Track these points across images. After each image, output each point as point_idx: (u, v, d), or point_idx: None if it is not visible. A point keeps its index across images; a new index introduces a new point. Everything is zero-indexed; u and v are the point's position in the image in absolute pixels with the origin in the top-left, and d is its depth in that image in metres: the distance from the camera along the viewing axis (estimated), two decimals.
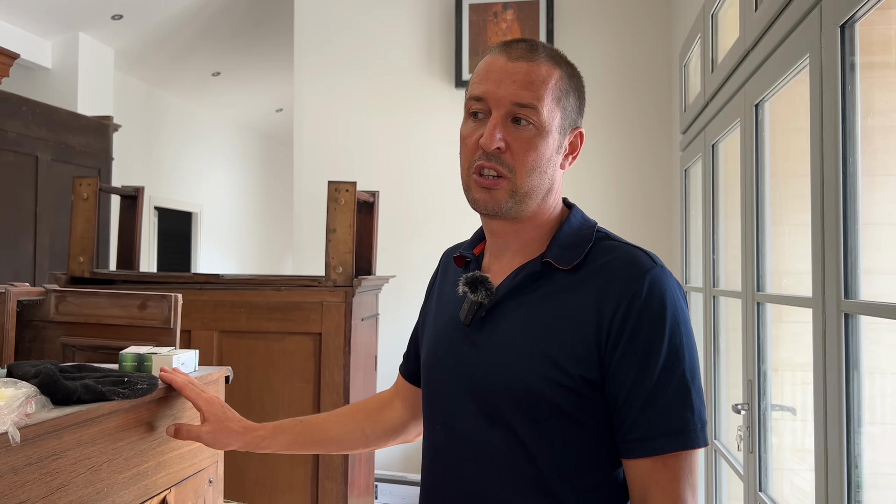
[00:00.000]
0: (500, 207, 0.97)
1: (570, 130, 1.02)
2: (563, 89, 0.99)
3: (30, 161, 3.55)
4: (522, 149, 0.96)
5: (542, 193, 1.00)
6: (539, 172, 0.97)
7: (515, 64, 0.97)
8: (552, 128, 0.97)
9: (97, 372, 1.08)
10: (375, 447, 1.23)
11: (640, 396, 0.91)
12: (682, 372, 0.91)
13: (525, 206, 0.98)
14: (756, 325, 2.03)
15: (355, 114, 4.09)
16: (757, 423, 2.02)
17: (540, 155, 0.97)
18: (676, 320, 0.93)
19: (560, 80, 0.98)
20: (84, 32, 5.00)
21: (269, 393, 2.39)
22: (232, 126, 8.06)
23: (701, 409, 0.92)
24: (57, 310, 1.48)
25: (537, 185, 0.98)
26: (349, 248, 2.37)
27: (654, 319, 0.92)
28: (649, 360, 0.91)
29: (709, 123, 2.60)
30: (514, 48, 0.99)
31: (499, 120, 0.96)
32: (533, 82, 0.96)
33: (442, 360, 1.04)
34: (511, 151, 0.96)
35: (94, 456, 0.94)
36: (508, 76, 0.96)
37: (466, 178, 1.00)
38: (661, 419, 0.90)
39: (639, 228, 3.78)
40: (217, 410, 1.12)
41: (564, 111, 0.99)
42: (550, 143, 0.97)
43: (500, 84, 0.96)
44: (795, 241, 2.03)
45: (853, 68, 1.38)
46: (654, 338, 0.91)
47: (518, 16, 3.99)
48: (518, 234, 1.03)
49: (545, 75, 0.97)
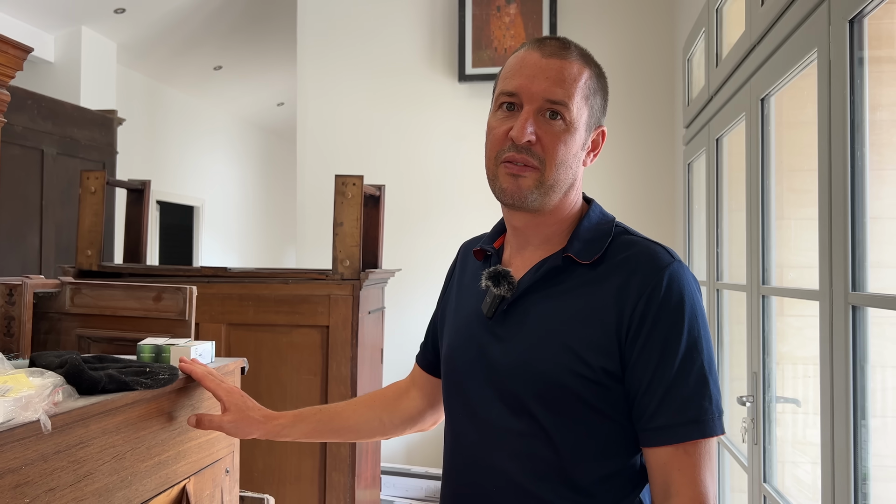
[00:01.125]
0: (526, 198, 0.99)
1: (595, 128, 1.04)
2: (591, 88, 1.01)
3: (35, 155, 3.56)
4: (553, 142, 0.98)
5: (565, 188, 1.02)
6: (566, 167, 0.99)
7: (549, 61, 0.99)
8: (580, 125, 1.00)
9: (119, 363, 1.10)
10: (392, 435, 1.25)
11: (661, 387, 0.93)
12: (700, 363, 0.94)
13: (549, 198, 1.00)
14: (761, 317, 2.04)
15: (358, 108, 4.10)
16: (762, 415, 2.04)
17: (568, 150, 0.99)
18: (695, 313, 0.95)
19: (589, 79, 1.01)
20: (86, 26, 5.00)
21: (277, 385, 2.40)
22: (234, 120, 8.07)
23: (718, 399, 0.95)
24: (73, 302, 1.49)
25: (563, 179, 1.00)
26: (356, 241, 2.39)
27: (672, 313, 0.94)
28: (669, 351, 0.93)
29: (713, 118, 2.61)
30: (547, 45, 1.01)
31: (531, 114, 0.98)
32: (565, 80, 0.98)
33: (465, 352, 1.06)
34: (542, 144, 0.98)
35: (118, 444, 0.96)
36: (542, 72, 0.98)
37: (493, 167, 1.02)
38: (681, 409, 0.93)
39: (642, 223, 3.79)
40: (237, 400, 1.14)
41: (591, 109, 1.02)
42: (577, 140, 1.00)
43: (533, 79, 0.98)
44: (800, 234, 2.04)
45: (861, 63, 1.39)
46: (673, 331, 0.94)
47: (521, 10, 3.99)
48: (539, 228, 1.05)
49: (576, 73, 0.99)
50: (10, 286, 1.41)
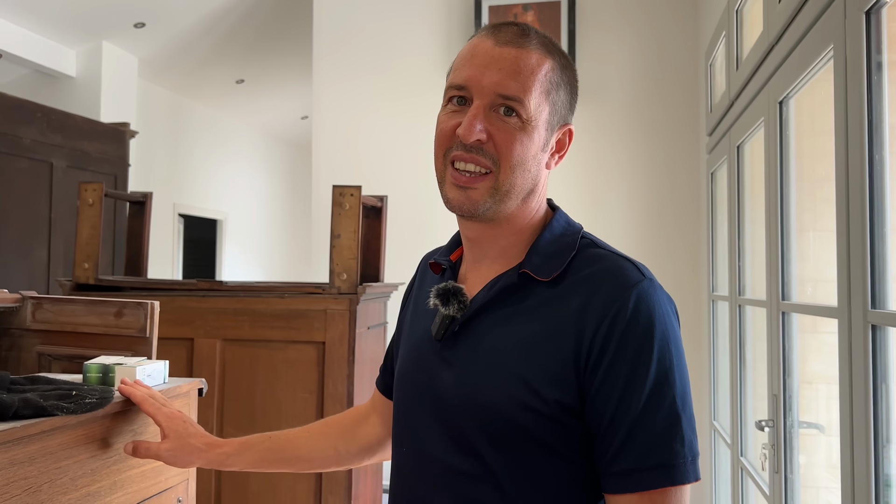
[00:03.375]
0: (477, 208, 0.88)
1: (559, 127, 0.92)
2: (553, 82, 0.89)
3: (44, 168, 3.56)
4: (506, 141, 0.86)
5: (524, 194, 0.90)
6: (523, 170, 0.88)
7: (503, 49, 0.87)
8: (539, 123, 0.88)
9: (50, 384, 1.02)
10: (349, 466, 1.14)
11: (624, 424, 0.80)
12: (672, 398, 0.81)
13: (504, 206, 0.89)
14: (781, 335, 1.91)
15: (373, 121, 4.03)
16: (783, 440, 1.90)
17: (525, 150, 0.87)
18: (666, 340, 0.82)
19: (551, 72, 0.89)
20: (107, 41, 5.03)
21: (272, 403, 2.32)
22: (257, 133, 8.09)
23: (692, 440, 0.82)
24: (34, 317, 1.42)
25: (520, 184, 0.88)
26: (354, 254, 2.30)
27: (640, 338, 0.81)
28: (635, 383, 0.81)
29: (734, 124, 2.49)
30: (502, 32, 0.89)
31: (480, 109, 0.86)
32: (521, 71, 0.86)
33: (412, 378, 0.95)
34: (494, 143, 0.86)
35: (31, 476, 0.87)
36: (494, 62, 0.86)
37: (442, 169, 0.90)
38: (648, 451, 0.80)
39: (665, 234, 3.65)
40: (178, 426, 1.04)
41: (554, 106, 0.89)
42: (536, 140, 0.88)
43: (484, 71, 0.86)
44: (822, 247, 1.91)
45: (879, 59, 1.26)
46: (640, 359, 0.81)
47: (539, 17, 3.89)
48: (496, 239, 0.93)
49: (535, 64, 0.87)
50: None
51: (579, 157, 3.75)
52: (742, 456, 2.45)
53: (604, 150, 3.74)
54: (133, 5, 4.62)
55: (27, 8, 4.31)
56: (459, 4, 3.97)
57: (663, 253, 3.65)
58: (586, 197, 3.73)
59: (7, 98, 3.42)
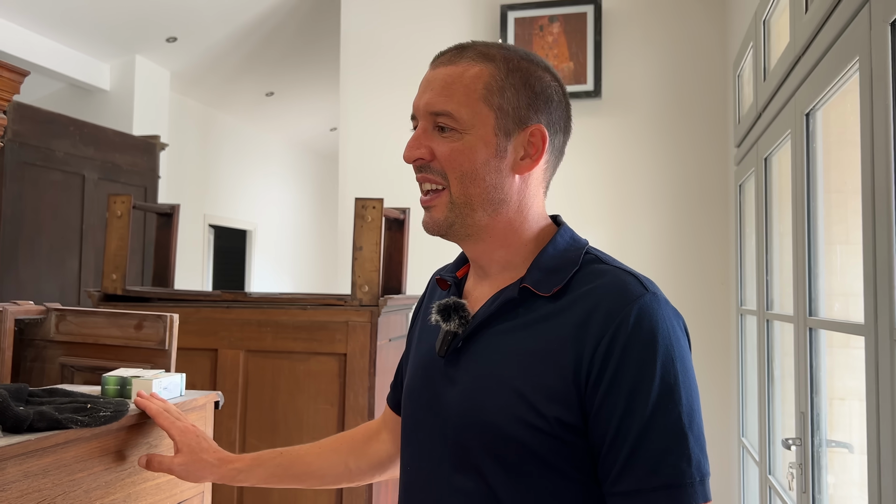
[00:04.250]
0: (441, 226, 0.90)
1: (519, 129, 0.89)
2: (492, 87, 0.88)
3: (77, 180, 3.63)
4: (445, 154, 0.88)
5: (493, 204, 0.89)
6: (475, 179, 0.88)
7: (436, 71, 0.91)
8: (481, 131, 0.88)
9: (67, 397, 1.03)
10: (360, 482, 1.14)
11: (627, 442, 0.78)
12: (677, 415, 0.79)
13: (469, 219, 0.89)
14: (808, 352, 1.87)
15: (400, 132, 4.05)
16: (810, 459, 1.85)
17: (470, 160, 0.88)
18: (671, 355, 0.80)
19: (489, 77, 0.88)
20: (140, 55, 5.13)
21: (293, 415, 2.33)
22: (286, 145, 8.17)
23: (700, 460, 0.79)
24: (57, 329, 1.44)
25: (477, 194, 0.89)
26: (376, 266, 2.30)
27: (642, 353, 0.79)
28: (637, 399, 0.79)
29: (761, 135, 2.46)
30: (441, 56, 0.93)
31: (421, 131, 0.90)
32: (450, 86, 0.88)
33: (417, 395, 0.95)
34: (438, 159, 0.89)
35: (45, 489, 0.88)
36: (428, 85, 0.91)
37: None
38: (652, 470, 0.77)
39: (693, 246, 3.61)
40: (191, 440, 1.05)
41: (500, 110, 0.88)
42: (481, 148, 0.87)
43: (421, 95, 0.91)
44: (851, 261, 1.86)
45: None
46: (643, 374, 0.79)
47: (565, 28, 3.89)
48: (489, 255, 0.93)
49: (464, 75, 0.88)
50: None
51: (606, 168, 3.73)
52: (770, 474, 2.40)
53: (631, 162, 3.71)
54: (165, 20, 4.71)
55: (64, 24, 4.42)
56: (485, 18, 3.98)
57: (692, 265, 3.60)
58: (614, 208, 3.70)
59: (41, 112, 3.50)
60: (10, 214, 3.28)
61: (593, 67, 3.78)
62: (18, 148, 3.29)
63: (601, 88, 3.74)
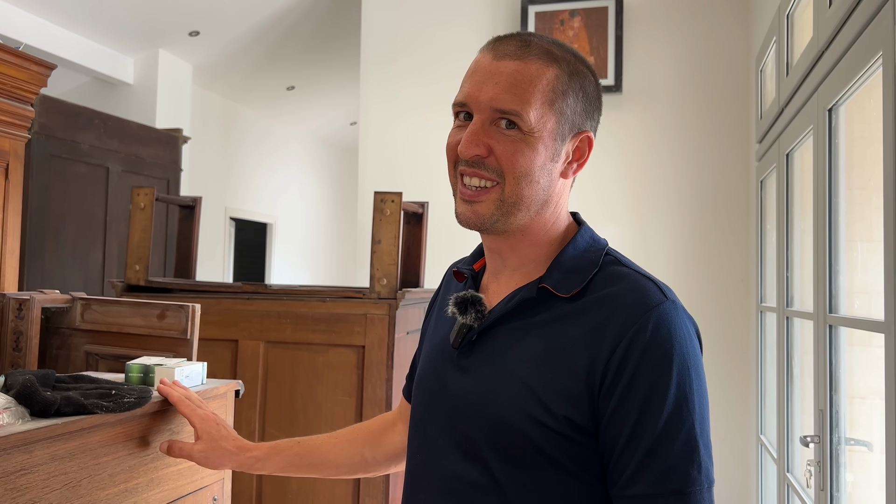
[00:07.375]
0: (485, 222, 0.88)
1: (574, 135, 0.90)
2: (558, 91, 0.87)
3: (101, 172, 3.68)
4: (508, 154, 0.86)
5: (537, 206, 0.89)
6: (530, 181, 0.87)
7: (500, 63, 0.87)
8: (543, 133, 0.86)
9: (92, 383, 1.06)
10: (376, 473, 1.15)
11: (640, 449, 0.79)
12: (690, 424, 0.79)
13: (514, 218, 0.89)
14: (828, 349, 1.86)
15: (419, 126, 4.06)
16: (829, 457, 1.84)
17: (530, 162, 0.86)
18: (686, 364, 0.81)
19: (555, 81, 0.87)
20: (164, 49, 5.19)
21: (312, 405, 2.35)
22: (307, 139, 8.22)
23: (709, 468, 0.80)
24: (82, 318, 1.47)
25: (528, 196, 0.88)
26: (394, 259, 2.32)
27: (659, 361, 0.80)
28: (652, 408, 0.79)
29: (783, 131, 2.43)
30: (502, 45, 0.89)
31: (479, 125, 0.87)
32: (518, 84, 0.85)
33: (428, 383, 0.96)
34: (496, 156, 0.86)
35: (71, 472, 0.91)
36: (491, 78, 0.86)
37: (454, 182, 0.92)
38: (663, 477, 0.78)
39: (714, 242, 3.59)
40: (211, 428, 1.07)
41: (561, 115, 0.88)
42: (542, 151, 0.87)
43: (482, 87, 0.87)
44: (873, 258, 1.85)
45: None
46: (659, 382, 0.80)
47: (586, 23, 3.87)
48: (514, 250, 0.93)
49: (534, 76, 0.86)
50: (20, 301, 1.40)
51: (626, 163, 3.71)
52: (788, 472, 2.38)
53: (651, 157, 3.69)
54: (188, 15, 4.76)
55: (88, 18, 4.48)
56: (506, 13, 3.98)
57: (712, 261, 3.58)
58: (634, 204, 3.69)
59: (66, 105, 3.56)
60: (36, 206, 3.34)
61: (614, 62, 3.77)
62: (45, 140, 3.35)
63: (622, 83, 3.73)
